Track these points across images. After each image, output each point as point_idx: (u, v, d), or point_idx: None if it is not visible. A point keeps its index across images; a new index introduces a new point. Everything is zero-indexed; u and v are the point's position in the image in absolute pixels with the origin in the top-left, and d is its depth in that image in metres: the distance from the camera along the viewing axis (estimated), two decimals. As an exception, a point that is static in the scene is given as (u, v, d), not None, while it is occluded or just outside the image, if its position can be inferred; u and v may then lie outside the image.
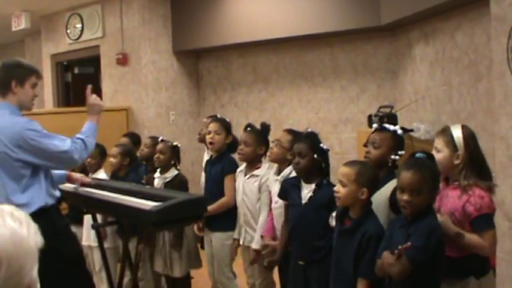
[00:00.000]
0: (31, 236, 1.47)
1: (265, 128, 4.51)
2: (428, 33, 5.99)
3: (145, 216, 3.52)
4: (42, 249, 3.50)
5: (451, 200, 3.03)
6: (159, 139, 5.20)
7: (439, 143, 3.14)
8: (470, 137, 3.14)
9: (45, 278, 2.81)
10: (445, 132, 3.17)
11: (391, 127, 3.48)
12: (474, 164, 3.07)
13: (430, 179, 2.80)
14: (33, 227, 1.49)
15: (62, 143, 3.75)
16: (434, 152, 3.11)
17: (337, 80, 7.45)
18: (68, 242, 3.85)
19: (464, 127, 3.18)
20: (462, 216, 2.97)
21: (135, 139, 6.05)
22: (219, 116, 5.32)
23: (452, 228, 2.95)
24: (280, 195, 3.94)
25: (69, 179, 4.23)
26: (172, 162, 5.00)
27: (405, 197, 2.80)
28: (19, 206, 3.50)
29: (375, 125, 3.59)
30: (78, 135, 3.88)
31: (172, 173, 4.90)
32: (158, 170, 5.00)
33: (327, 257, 3.42)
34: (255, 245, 4.31)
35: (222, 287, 4.67)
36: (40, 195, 3.70)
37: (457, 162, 3.05)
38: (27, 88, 3.82)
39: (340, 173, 3.19)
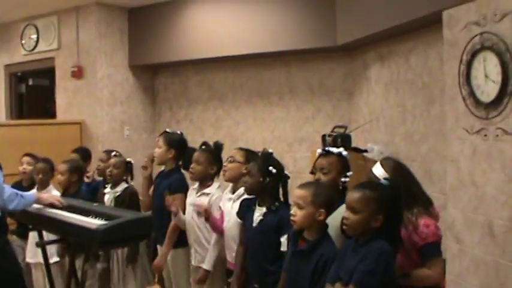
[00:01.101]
0: None
1: (218, 147, 4.45)
2: (383, 54, 6.03)
3: (91, 235, 3.44)
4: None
5: None
6: (113, 153, 5.12)
7: None
8: (394, 169, 3.14)
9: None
10: (371, 177, 3.18)
11: (335, 150, 3.46)
12: (408, 194, 3.06)
13: (372, 201, 2.76)
14: None
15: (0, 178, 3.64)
16: None
17: (293, 100, 7.46)
18: (8, 260, 3.74)
19: (384, 162, 3.19)
20: (409, 245, 2.97)
21: (84, 154, 5.96)
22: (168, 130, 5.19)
23: (396, 273, 2.94)
24: (238, 214, 3.89)
25: (39, 201, 4.06)
26: (124, 178, 4.93)
27: (345, 214, 2.79)
28: None
29: (318, 150, 3.56)
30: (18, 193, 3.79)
31: (122, 187, 4.83)
32: (109, 185, 4.92)
33: (279, 281, 3.37)
34: (206, 265, 4.24)
35: None
36: None
37: None
38: None
39: (295, 196, 3.14)
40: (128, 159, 5.00)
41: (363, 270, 2.64)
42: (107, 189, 4.90)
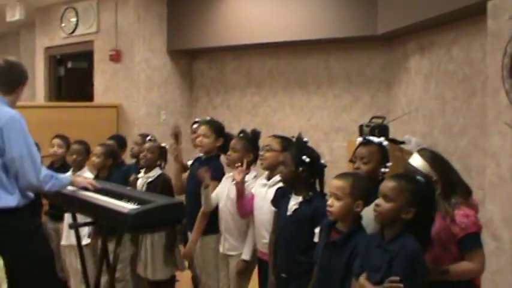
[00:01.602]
0: None
1: (255, 135, 4.40)
2: (424, 45, 5.92)
3: (122, 219, 3.43)
4: (12, 249, 3.44)
5: (436, 222, 2.94)
6: (148, 138, 5.11)
7: None
8: (432, 159, 3.06)
9: (13, 277, 2.76)
10: (408, 169, 3.08)
11: (376, 139, 3.40)
12: (447, 184, 2.98)
13: (407, 192, 2.68)
14: None
15: (38, 159, 3.68)
16: None
17: (330, 88, 7.39)
18: (39, 243, 3.77)
19: (422, 152, 3.10)
20: (448, 237, 2.88)
21: (120, 142, 5.97)
22: (197, 119, 5.21)
23: (434, 268, 2.86)
24: (273, 202, 3.85)
25: (73, 184, 4.04)
26: (158, 163, 4.92)
27: (377, 201, 2.74)
28: None
29: (359, 139, 3.49)
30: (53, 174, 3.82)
31: (155, 172, 4.82)
32: (142, 170, 4.91)
33: (308, 272, 3.32)
34: (245, 256, 4.20)
35: None
36: (11, 195, 3.62)
37: (438, 187, 2.96)
38: (23, 90, 3.86)
39: (333, 186, 3.07)
40: (163, 145, 4.99)
41: (401, 279, 2.56)
42: (140, 174, 4.90)
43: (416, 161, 3.06)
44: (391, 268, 2.62)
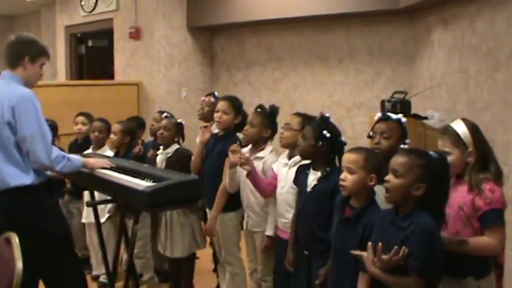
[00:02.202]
0: None
1: (273, 111, 4.34)
2: (447, 18, 5.81)
3: (138, 197, 3.40)
4: (27, 226, 3.42)
5: (459, 195, 2.89)
6: (163, 115, 5.07)
7: (446, 145, 2.98)
8: (475, 130, 3.00)
9: (28, 255, 2.75)
10: (449, 131, 3.01)
11: (394, 116, 3.33)
12: (483, 157, 2.92)
13: (417, 167, 2.62)
14: None
15: (49, 138, 3.66)
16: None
17: (352, 63, 7.31)
18: (55, 221, 3.76)
19: (466, 121, 3.03)
20: (471, 211, 2.83)
21: (139, 123, 5.95)
22: (216, 93, 5.32)
23: (452, 238, 2.81)
24: (294, 181, 3.80)
25: (85, 166, 3.98)
26: (176, 140, 4.88)
27: (387, 177, 2.68)
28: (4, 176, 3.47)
29: (378, 114, 3.42)
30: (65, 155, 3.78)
31: (173, 148, 4.79)
32: (161, 146, 4.88)
33: (329, 250, 3.26)
34: (269, 232, 4.17)
35: (229, 267, 4.54)
36: (26, 173, 3.61)
37: (470, 159, 2.90)
38: (36, 66, 3.80)
39: (346, 160, 3.03)
40: (179, 121, 4.95)
41: (417, 258, 2.52)
42: (160, 151, 4.87)
43: (459, 126, 2.99)
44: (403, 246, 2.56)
